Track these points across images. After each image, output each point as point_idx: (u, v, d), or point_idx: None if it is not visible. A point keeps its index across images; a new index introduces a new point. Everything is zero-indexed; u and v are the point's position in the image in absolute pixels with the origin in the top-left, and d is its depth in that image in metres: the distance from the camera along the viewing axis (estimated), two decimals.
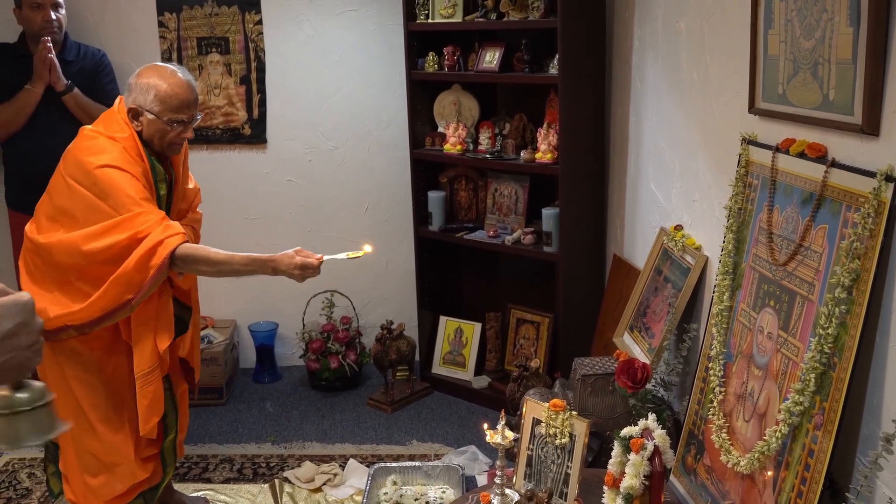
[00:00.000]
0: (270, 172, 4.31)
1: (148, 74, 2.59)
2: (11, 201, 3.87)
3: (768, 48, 2.13)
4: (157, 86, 2.56)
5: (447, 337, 4.22)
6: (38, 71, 3.58)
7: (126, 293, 2.45)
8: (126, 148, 2.53)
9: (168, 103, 2.56)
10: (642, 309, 2.99)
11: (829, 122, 1.87)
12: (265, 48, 4.17)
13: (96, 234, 2.45)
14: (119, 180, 2.47)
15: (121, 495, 2.71)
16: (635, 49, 3.30)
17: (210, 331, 4.21)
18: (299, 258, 2.52)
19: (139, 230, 2.43)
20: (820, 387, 1.80)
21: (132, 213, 2.44)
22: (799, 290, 1.94)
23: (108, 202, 2.46)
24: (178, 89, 2.57)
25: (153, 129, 2.58)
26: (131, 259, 2.42)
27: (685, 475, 2.34)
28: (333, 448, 3.62)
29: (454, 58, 3.84)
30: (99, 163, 2.48)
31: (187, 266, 2.50)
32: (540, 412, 2.39)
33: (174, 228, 2.48)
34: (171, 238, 2.44)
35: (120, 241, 2.43)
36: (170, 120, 2.57)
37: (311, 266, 2.51)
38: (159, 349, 2.59)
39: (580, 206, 3.61)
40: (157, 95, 2.55)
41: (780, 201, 2.07)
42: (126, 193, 2.46)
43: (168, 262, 2.43)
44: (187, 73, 2.66)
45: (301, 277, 2.53)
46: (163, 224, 2.46)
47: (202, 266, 2.51)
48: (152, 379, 2.60)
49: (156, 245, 2.42)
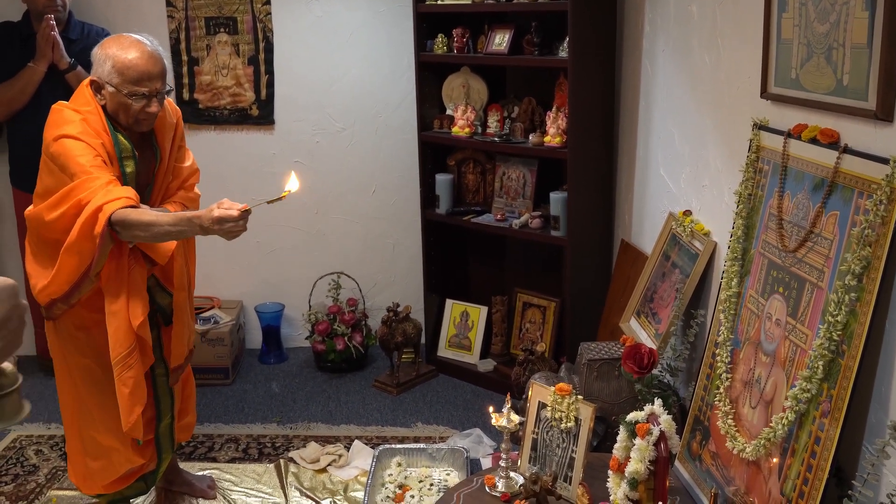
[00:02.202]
0: (278, 154, 4.30)
1: (108, 45, 2.48)
2: (16, 180, 3.88)
3: (782, 32, 2.10)
4: (115, 56, 2.44)
5: (453, 320, 4.22)
6: (41, 49, 3.58)
7: (80, 264, 2.36)
8: (87, 120, 2.44)
9: (126, 75, 2.43)
10: (649, 294, 2.98)
11: (843, 107, 1.85)
12: (273, 29, 4.15)
13: (53, 205, 2.39)
14: (72, 148, 2.37)
15: (119, 479, 2.72)
16: (646, 33, 3.28)
17: (216, 311, 4.22)
18: (217, 211, 2.27)
19: (82, 196, 2.33)
20: (828, 374, 1.79)
21: (80, 180, 2.34)
22: (808, 277, 1.93)
23: (67, 173, 2.38)
24: (137, 60, 2.44)
25: (115, 102, 2.47)
26: (75, 227, 2.32)
27: (690, 461, 2.33)
28: (339, 429, 3.63)
29: (463, 40, 3.82)
30: (57, 134, 2.41)
31: (125, 231, 2.33)
32: (546, 396, 2.39)
33: (115, 193, 2.33)
34: (110, 203, 2.30)
35: (68, 210, 2.34)
36: (129, 93, 2.44)
37: (230, 217, 2.26)
38: (133, 325, 2.47)
39: (588, 190, 3.60)
40: (114, 66, 2.43)
41: (791, 187, 2.06)
42: (77, 161, 2.36)
43: (107, 227, 2.30)
44: (153, 43, 2.52)
45: (223, 231, 2.28)
46: (105, 188, 2.33)
47: (137, 230, 2.33)
48: (131, 362, 2.49)
49: (95, 211, 2.30)
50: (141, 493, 2.86)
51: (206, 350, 4.00)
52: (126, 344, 2.48)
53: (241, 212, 2.29)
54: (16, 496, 3.13)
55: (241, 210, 2.29)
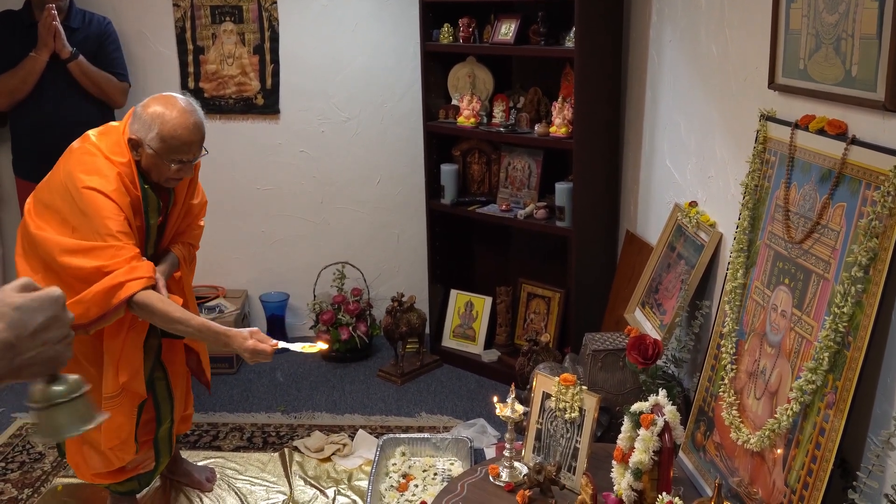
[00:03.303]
0: (283, 143, 4.30)
1: (155, 108, 2.48)
2: (19, 170, 3.88)
3: (790, 22, 2.09)
4: (162, 124, 2.45)
5: (458, 310, 4.22)
6: (42, 38, 3.57)
7: (83, 317, 2.40)
8: (121, 174, 2.45)
9: (169, 143, 2.46)
10: (654, 285, 2.98)
11: (851, 98, 1.84)
12: (279, 18, 4.14)
13: (70, 251, 2.41)
14: (102, 207, 2.39)
15: (112, 472, 2.73)
16: (653, 23, 3.26)
17: (221, 300, 4.23)
18: (252, 342, 2.40)
19: (106, 264, 2.37)
20: (833, 366, 1.78)
21: (105, 244, 2.38)
22: (814, 269, 1.92)
23: (91, 226, 2.40)
24: (181, 130, 2.46)
25: (151, 163, 2.49)
26: (92, 290, 2.37)
27: (694, 452, 2.34)
28: (343, 419, 3.64)
29: (469, 29, 3.80)
30: (88, 184, 2.40)
31: (143, 313, 2.43)
32: (550, 386, 2.39)
33: (140, 271, 2.41)
34: (133, 282, 2.38)
35: (87, 268, 2.38)
36: (169, 160, 2.48)
37: (263, 352, 2.41)
38: (119, 379, 2.55)
39: (594, 180, 3.59)
40: (159, 133, 2.45)
41: (798, 178, 2.05)
42: (104, 222, 2.39)
43: (125, 304, 2.39)
44: (197, 110, 2.54)
45: (251, 361, 2.43)
46: (130, 265, 2.39)
47: (157, 318, 2.44)
48: (113, 405, 2.56)
49: (117, 285, 2.37)
50: (133, 491, 2.87)
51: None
52: (112, 388, 2.57)
53: (272, 348, 2.42)
54: (22, 483, 3.15)
55: (273, 347, 2.42)
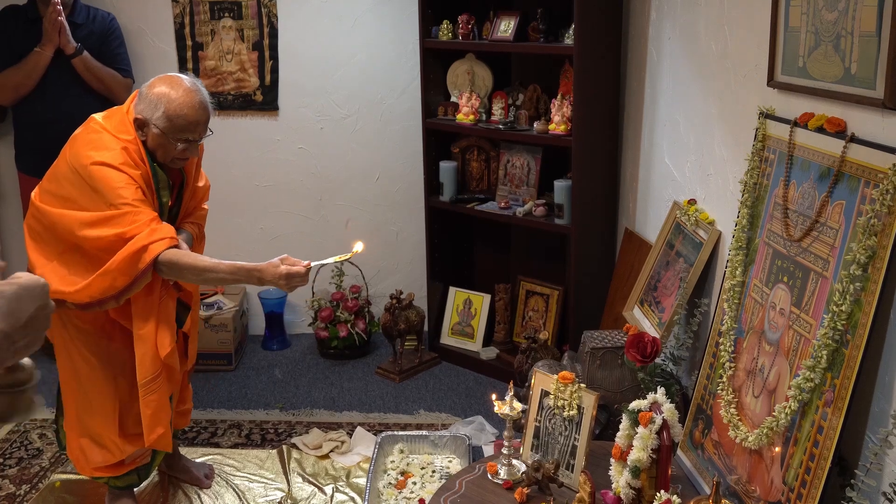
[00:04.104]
0: (282, 140, 4.29)
1: (160, 87, 2.51)
2: (22, 165, 3.88)
3: (789, 20, 2.09)
4: (168, 103, 2.48)
5: (456, 308, 4.22)
6: (47, 33, 3.57)
7: (111, 288, 2.42)
8: (128, 149, 2.48)
9: (175, 122, 2.48)
10: (653, 283, 2.98)
11: (850, 96, 1.84)
12: (278, 14, 4.13)
13: (89, 223, 2.43)
14: (113, 178, 2.42)
15: (111, 466, 2.73)
16: (652, 20, 3.26)
17: (220, 297, 4.23)
18: (284, 267, 2.43)
19: (126, 230, 2.40)
20: (831, 364, 1.78)
21: (122, 211, 2.40)
22: (813, 267, 1.92)
23: (105, 200, 2.42)
24: (187, 109, 2.49)
25: (157, 142, 2.52)
26: (116, 258, 2.39)
27: (692, 449, 2.34)
28: (341, 416, 3.64)
29: (469, 26, 3.80)
30: (96, 159, 2.43)
31: (171, 272, 2.45)
32: (548, 384, 2.39)
33: (161, 232, 2.43)
34: (157, 243, 2.41)
35: (108, 236, 2.40)
36: (175, 139, 2.51)
37: (297, 274, 2.43)
38: (160, 355, 2.56)
39: (593, 178, 3.58)
40: (165, 112, 2.48)
41: (797, 176, 2.05)
42: (117, 192, 2.41)
43: (151, 266, 2.41)
44: (202, 90, 2.57)
45: (288, 287, 2.45)
46: (150, 227, 2.42)
47: (186, 273, 2.46)
48: (155, 387, 2.58)
49: (140, 249, 2.39)
50: (132, 485, 2.87)
51: (210, 336, 4.00)
52: (152, 370, 2.57)
53: (306, 268, 2.44)
54: (20, 479, 3.14)
55: (306, 267, 2.45)
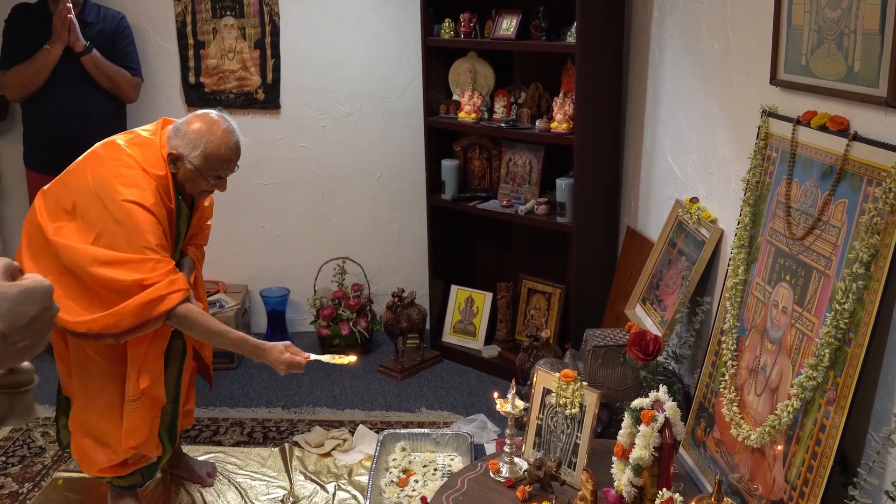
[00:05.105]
0: (283, 138, 4.29)
1: (198, 125, 2.57)
2: (30, 161, 3.88)
3: (792, 18, 2.09)
4: (207, 143, 2.55)
5: (458, 306, 4.22)
6: (57, 31, 3.59)
7: (115, 327, 2.44)
8: (159, 187, 2.52)
9: (212, 162, 2.57)
10: (655, 281, 2.98)
11: (853, 94, 1.83)
12: (280, 12, 4.13)
13: (104, 262, 2.44)
14: (141, 220, 2.45)
15: (115, 466, 2.73)
16: (654, 18, 3.25)
17: (222, 295, 4.23)
18: (287, 355, 2.57)
19: (146, 277, 2.43)
20: (834, 362, 1.78)
21: (144, 257, 2.44)
22: (816, 265, 1.92)
23: (128, 238, 2.45)
24: (224, 150, 2.58)
25: (188, 177, 2.58)
26: (132, 302, 2.42)
27: (694, 448, 2.34)
28: (343, 414, 3.64)
29: (470, 24, 3.79)
30: (128, 197, 2.46)
31: (181, 324, 2.51)
32: (550, 382, 2.39)
33: (178, 284, 2.48)
34: (174, 294, 2.45)
35: (125, 280, 2.42)
36: (208, 175, 2.59)
37: (297, 364, 2.57)
38: (140, 385, 2.60)
39: (595, 176, 3.58)
40: (204, 151, 2.55)
41: (799, 175, 2.05)
42: (144, 235, 2.45)
43: (165, 316, 2.46)
44: (237, 130, 2.64)
45: (285, 372, 2.59)
46: (169, 277, 2.46)
47: (195, 329, 2.53)
48: (133, 408, 2.62)
49: (158, 298, 2.43)
50: (137, 485, 2.86)
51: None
52: (134, 392, 2.62)
53: (306, 360, 2.59)
54: (22, 478, 3.15)
55: (306, 360, 2.59)
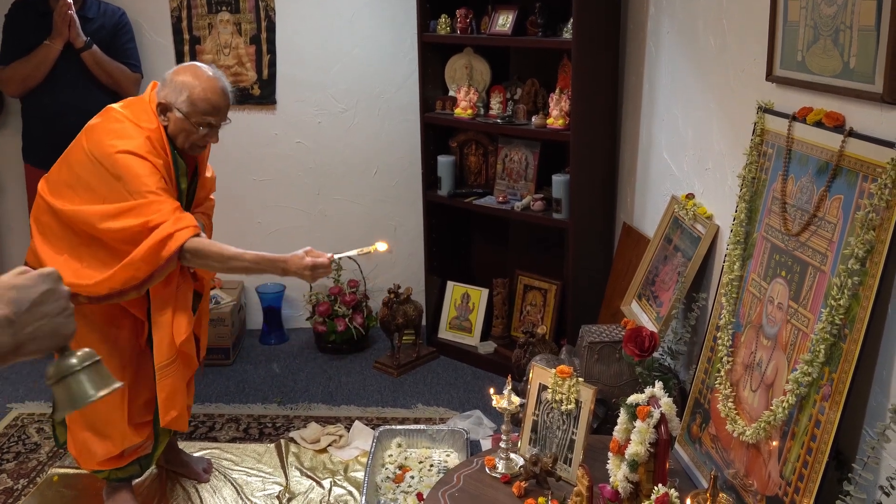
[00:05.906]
0: (279, 134, 4.29)
1: (184, 73, 2.60)
2: (29, 156, 3.88)
3: (788, 14, 2.09)
4: (192, 87, 2.57)
5: (454, 302, 4.22)
6: (57, 27, 3.59)
7: (133, 279, 2.47)
8: (151, 138, 2.54)
9: (198, 106, 2.57)
10: (651, 277, 2.98)
11: (849, 90, 1.84)
12: (275, 8, 4.12)
13: (111, 215, 2.47)
14: (137, 167, 2.47)
15: (115, 457, 2.74)
16: (651, 14, 3.25)
17: (218, 291, 4.22)
18: (309, 259, 2.52)
19: (151, 218, 2.44)
20: (829, 358, 1.79)
21: (146, 200, 2.45)
22: (811, 261, 1.92)
23: (128, 188, 2.47)
24: (210, 94, 2.58)
25: (179, 127, 2.59)
26: (142, 247, 2.44)
27: (690, 444, 2.34)
28: (339, 410, 3.64)
29: (467, 20, 3.79)
30: (121, 147, 2.48)
31: (196, 260, 2.51)
32: (546, 378, 2.39)
33: (186, 221, 2.48)
34: (181, 231, 2.46)
35: (132, 226, 2.45)
36: (197, 122, 2.58)
37: (322, 265, 2.52)
38: (176, 342, 2.60)
39: (591, 172, 3.58)
40: (189, 97, 2.56)
41: (795, 171, 2.05)
42: (142, 180, 2.47)
43: (177, 254, 2.45)
44: (224, 78, 2.67)
45: (312, 278, 2.53)
46: (175, 215, 2.47)
47: (211, 260, 2.52)
48: (169, 372, 2.63)
49: (166, 237, 2.44)
50: (135, 476, 2.87)
51: (208, 330, 3.99)
52: (168, 355, 2.62)
53: (330, 260, 2.54)
54: (17, 474, 3.14)
55: (330, 259, 2.54)
